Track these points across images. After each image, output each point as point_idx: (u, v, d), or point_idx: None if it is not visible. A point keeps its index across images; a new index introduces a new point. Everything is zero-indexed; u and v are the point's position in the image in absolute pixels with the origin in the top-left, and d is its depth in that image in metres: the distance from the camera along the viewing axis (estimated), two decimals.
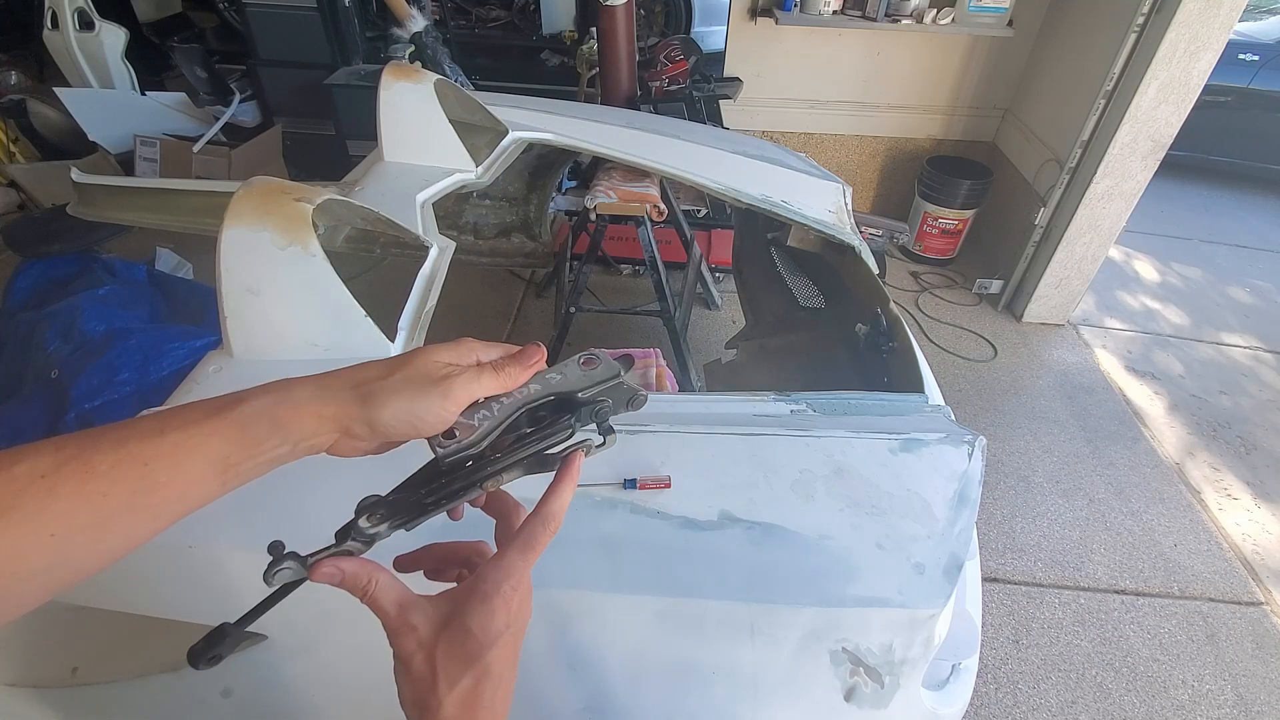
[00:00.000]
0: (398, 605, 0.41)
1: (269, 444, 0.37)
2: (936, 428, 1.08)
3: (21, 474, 0.32)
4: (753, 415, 1.08)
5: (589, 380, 0.45)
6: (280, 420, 0.38)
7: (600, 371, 0.45)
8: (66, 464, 0.33)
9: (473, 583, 0.41)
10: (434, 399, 0.39)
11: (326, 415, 0.39)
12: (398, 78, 1.57)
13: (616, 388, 0.46)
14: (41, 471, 0.32)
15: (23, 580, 0.32)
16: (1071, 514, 2.31)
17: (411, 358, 0.41)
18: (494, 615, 0.40)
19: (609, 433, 0.46)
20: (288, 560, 0.39)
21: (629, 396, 0.47)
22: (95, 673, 0.88)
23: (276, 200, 1.02)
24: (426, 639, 0.40)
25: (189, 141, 3.27)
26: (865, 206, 3.95)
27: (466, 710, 0.39)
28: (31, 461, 0.32)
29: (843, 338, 1.68)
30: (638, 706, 0.81)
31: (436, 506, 0.43)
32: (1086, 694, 1.81)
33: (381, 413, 0.39)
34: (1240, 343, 3.31)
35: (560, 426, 0.45)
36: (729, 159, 1.92)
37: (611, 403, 0.46)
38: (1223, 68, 2.57)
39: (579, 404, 0.45)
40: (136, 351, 1.82)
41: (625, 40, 2.90)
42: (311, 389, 0.39)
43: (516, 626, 0.41)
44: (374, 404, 0.39)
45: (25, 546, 0.32)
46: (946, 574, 0.87)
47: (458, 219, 2.47)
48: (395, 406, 0.39)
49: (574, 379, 0.45)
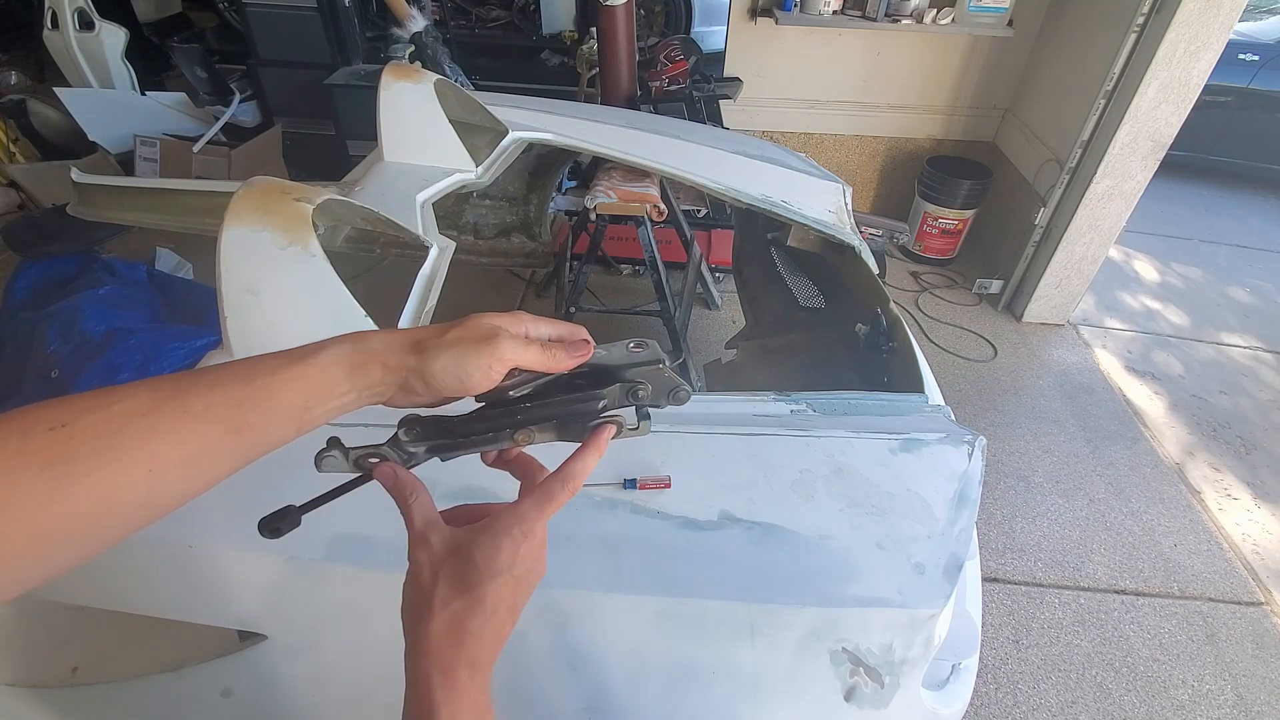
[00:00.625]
0: (424, 521, 0.44)
1: (339, 389, 0.40)
2: (936, 428, 1.08)
3: (122, 412, 0.34)
4: (753, 415, 1.08)
5: (632, 360, 0.47)
6: (354, 367, 0.40)
7: (645, 354, 0.47)
8: (164, 403, 0.35)
9: (488, 521, 0.44)
10: (482, 355, 0.41)
11: (390, 365, 0.41)
12: (398, 78, 1.56)
13: (658, 375, 0.47)
14: (142, 410, 0.34)
15: (116, 516, 0.34)
16: (1071, 514, 2.31)
17: (465, 320, 0.44)
18: (499, 552, 0.42)
19: (645, 418, 0.48)
20: (335, 450, 0.44)
21: (671, 387, 0.47)
22: (95, 673, 0.88)
23: (276, 200, 1.02)
24: (436, 557, 0.43)
25: (189, 141, 3.27)
26: (865, 206, 3.95)
27: (453, 631, 0.41)
28: (131, 400, 0.34)
29: (843, 338, 1.68)
30: (638, 706, 0.81)
31: (469, 445, 0.46)
32: (1086, 694, 1.81)
33: (433, 364, 0.41)
34: (1240, 343, 3.31)
35: (594, 396, 0.46)
36: (729, 159, 1.92)
37: (651, 388, 0.47)
38: (1223, 68, 2.57)
39: (617, 379, 0.46)
40: (136, 351, 1.81)
41: (625, 40, 2.90)
42: (381, 340, 0.42)
43: (521, 570, 0.43)
44: (428, 356, 0.41)
45: (123, 482, 0.33)
46: (946, 574, 0.87)
47: (458, 219, 2.47)
48: (445, 360, 0.41)
49: (618, 357, 0.47)
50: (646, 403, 0.47)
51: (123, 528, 0.35)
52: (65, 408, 0.33)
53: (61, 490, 0.32)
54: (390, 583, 0.80)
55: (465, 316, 0.44)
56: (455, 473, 0.51)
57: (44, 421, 0.32)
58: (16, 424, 0.32)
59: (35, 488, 0.31)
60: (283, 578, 0.81)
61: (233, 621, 0.81)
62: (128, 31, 3.67)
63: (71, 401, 0.34)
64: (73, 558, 0.34)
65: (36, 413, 0.33)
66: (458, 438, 0.46)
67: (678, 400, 0.48)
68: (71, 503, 0.32)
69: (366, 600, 0.81)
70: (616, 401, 0.47)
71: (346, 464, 0.44)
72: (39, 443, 0.32)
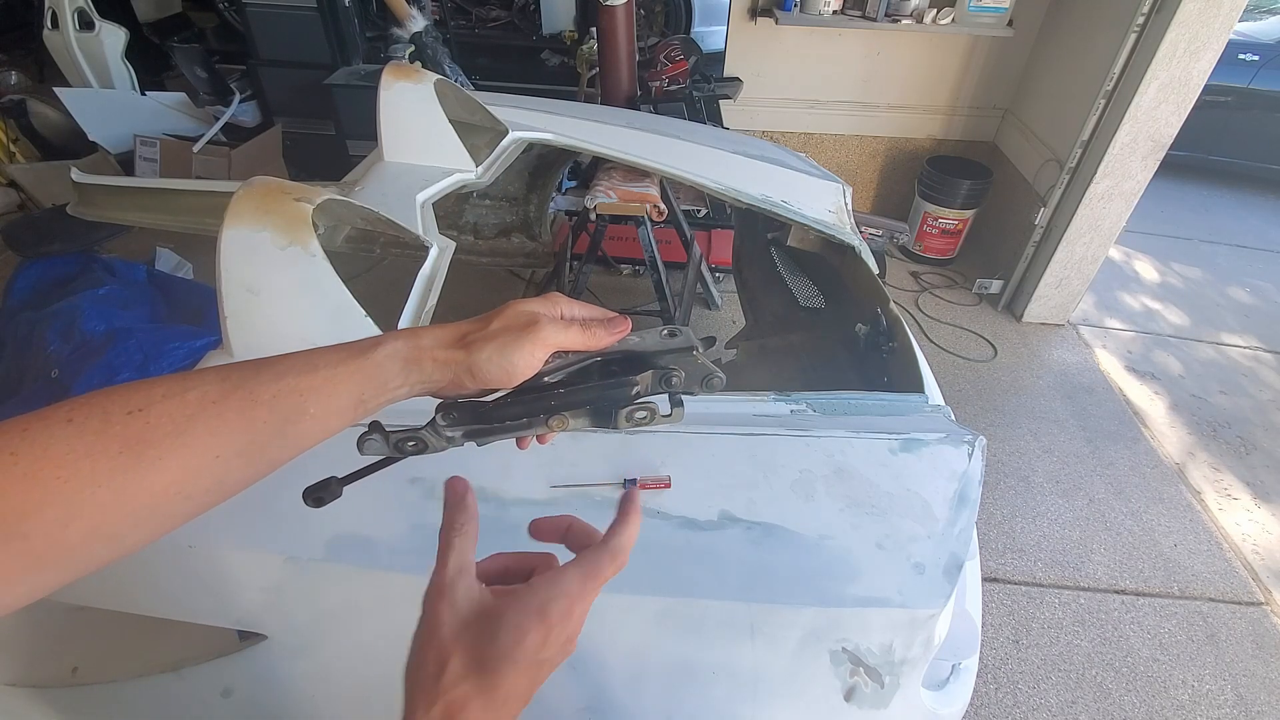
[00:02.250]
0: (457, 567, 0.40)
1: (394, 383, 0.41)
2: (936, 428, 1.08)
3: (195, 399, 0.35)
4: (753, 415, 1.08)
5: (665, 346, 0.47)
6: (408, 362, 0.41)
7: (678, 341, 0.47)
8: (234, 392, 0.36)
9: (523, 591, 0.39)
10: (525, 343, 0.42)
11: (441, 359, 0.42)
12: (398, 78, 1.56)
13: (691, 361, 0.47)
14: (213, 398, 0.36)
15: (185, 499, 0.35)
16: (1071, 514, 2.31)
17: (503, 310, 0.44)
18: (527, 635, 0.37)
19: (678, 404, 0.48)
20: (376, 434, 0.44)
21: (705, 375, 0.47)
22: (95, 673, 0.88)
23: (276, 200, 1.02)
24: (457, 618, 0.38)
25: (189, 141, 3.27)
26: (865, 206, 3.95)
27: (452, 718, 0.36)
28: (202, 389, 0.36)
29: (843, 338, 1.68)
30: (638, 706, 0.81)
31: (505, 430, 0.46)
32: (1086, 694, 1.81)
33: (479, 356, 0.42)
34: (1240, 343, 3.31)
35: (627, 383, 0.46)
36: (729, 159, 1.92)
37: (685, 375, 0.47)
38: (1223, 68, 2.57)
39: (650, 365, 0.47)
40: (136, 351, 1.81)
41: (625, 40, 2.90)
42: (432, 336, 0.43)
43: (548, 654, 0.38)
44: (474, 349, 0.42)
45: (194, 466, 0.35)
46: (946, 574, 0.87)
47: (458, 219, 2.47)
48: (490, 350, 0.42)
49: (652, 343, 0.47)
50: (680, 390, 0.47)
51: (190, 510, 0.36)
52: (144, 392, 0.35)
53: (137, 472, 0.33)
54: (390, 583, 0.80)
55: (505, 304, 0.44)
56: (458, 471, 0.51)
57: (123, 405, 0.34)
58: (98, 405, 0.33)
59: (114, 469, 0.32)
60: (283, 578, 0.81)
61: (233, 621, 0.81)
62: (128, 31, 3.67)
63: (149, 386, 0.35)
64: (142, 538, 0.35)
65: (116, 395, 0.34)
66: (493, 423, 0.46)
67: (711, 388, 0.48)
68: (145, 485, 0.33)
69: (366, 600, 0.81)
70: (650, 388, 0.47)
71: (387, 447, 0.45)
72: (118, 425, 0.33)
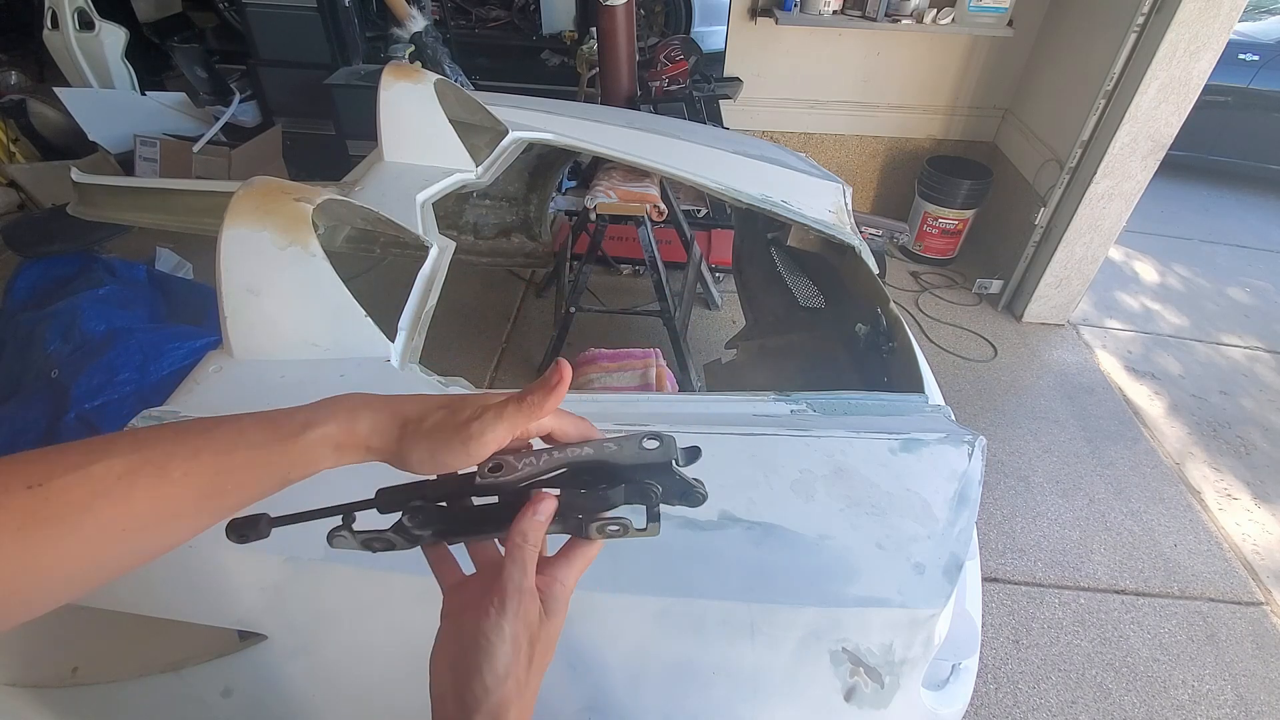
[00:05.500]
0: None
1: (323, 464, 0.41)
2: (936, 428, 1.08)
3: (99, 473, 0.34)
4: (753, 415, 1.08)
5: (641, 460, 0.44)
6: (340, 448, 0.41)
7: (656, 453, 0.44)
8: (143, 467, 0.35)
9: None
10: (455, 446, 0.40)
11: (375, 448, 0.41)
12: (398, 78, 1.57)
13: (668, 474, 0.44)
14: (118, 473, 0.34)
15: (97, 569, 0.35)
16: (1071, 514, 2.31)
17: (452, 400, 0.43)
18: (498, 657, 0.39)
19: (654, 520, 0.44)
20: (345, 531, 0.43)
21: (683, 490, 0.45)
22: (95, 673, 0.88)
23: (276, 200, 1.02)
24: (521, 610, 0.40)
25: (189, 141, 3.27)
26: (865, 206, 3.95)
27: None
28: (108, 461, 0.34)
29: (843, 338, 1.68)
30: (638, 706, 0.81)
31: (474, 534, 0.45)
32: (1086, 694, 1.81)
33: (411, 456, 0.41)
34: (1240, 343, 3.31)
35: (600, 496, 0.44)
36: (729, 159, 1.92)
37: (662, 489, 0.44)
38: (1223, 68, 2.57)
39: (625, 479, 0.44)
40: (136, 351, 1.82)
41: (625, 40, 2.90)
42: (369, 422, 0.41)
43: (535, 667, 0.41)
44: (406, 444, 0.41)
45: (101, 541, 0.34)
46: (946, 574, 0.87)
47: (458, 219, 2.47)
48: (421, 451, 0.41)
49: (629, 454, 0.44)
50: (657, 504, 0.44)
51: (107, 575, 0.35)
52: (47, 465, 0.33)
53: (38, 550, 0.32)
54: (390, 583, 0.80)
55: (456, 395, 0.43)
56: None
57: (24, 478, 0.32)
58: None
59: (15, 541, 0.31)
60: (283, 578, 0.81)
61: (233, 621, 0.81)
62: (128, 31, 3.67)
63: (58, 456, 0.34)
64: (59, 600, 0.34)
65: (18, 468, 0.33)
66: (462, 525, 0.45)
67: (691, 503, 0.45)
68: (49, 561, 0.32)
69: (366, 600, 0.81)
70: (626, 500, 0.44)
71: (355, 544, 0.44)
72: (18, 499, 0.32)
